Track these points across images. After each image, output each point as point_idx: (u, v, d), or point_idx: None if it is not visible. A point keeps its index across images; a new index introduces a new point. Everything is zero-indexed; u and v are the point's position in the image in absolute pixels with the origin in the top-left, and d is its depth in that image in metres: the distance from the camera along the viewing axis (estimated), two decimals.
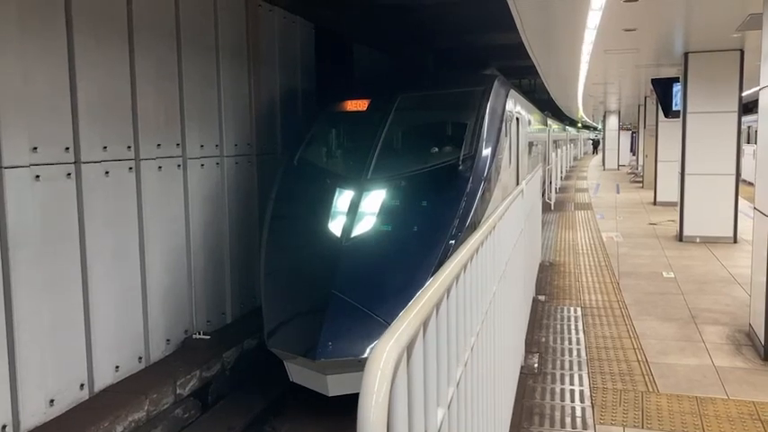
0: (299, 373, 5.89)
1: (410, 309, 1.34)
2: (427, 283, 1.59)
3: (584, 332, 6.09)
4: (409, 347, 1.27)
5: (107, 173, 5.62)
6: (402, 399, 1.15)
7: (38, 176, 4.86)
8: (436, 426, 1.53)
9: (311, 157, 7.26)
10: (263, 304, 6.13)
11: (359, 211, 6.29)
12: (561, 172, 23.09)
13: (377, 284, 5.73)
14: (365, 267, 5.89)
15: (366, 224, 6.20)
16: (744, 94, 10.92)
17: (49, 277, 4.98)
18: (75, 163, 5.25)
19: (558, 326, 6.30)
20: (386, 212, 6.25)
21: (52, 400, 4.98)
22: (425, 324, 1.41)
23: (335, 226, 6.27)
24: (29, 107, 4.77)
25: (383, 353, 1.03)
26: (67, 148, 5.17)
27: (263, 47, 8.26)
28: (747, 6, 7.00)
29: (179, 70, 6.62)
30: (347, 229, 6.16)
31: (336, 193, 6.56)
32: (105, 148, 5.58)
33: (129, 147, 5.91)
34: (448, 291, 1.69)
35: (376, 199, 6.38)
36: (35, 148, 4.83)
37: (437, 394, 1.55)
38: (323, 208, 6.46)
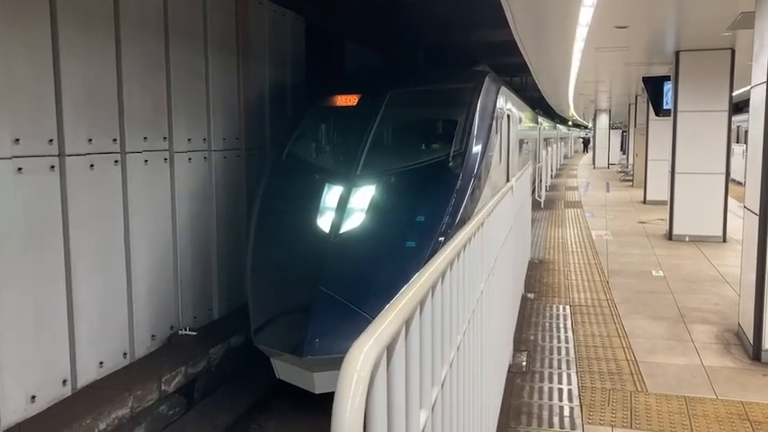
0: (285, 370, 5.83)
1: (391, 307, 1.28)
2: (411, 281, 1.53)
3: (572, 330, 6.06)
4: (390, 348, 1.21)
5: (92, 166, 5.54)
6: (381, 402, 1.09)
7: (20, 169, 4.77)
8: (419, 428, 1.47)
9: (300, 153, 7.20)
10: (250, 300, 6.07)
11: (348, 207, 6.23)
12: (552, 170, 23.09)
13: (365, 281, 5.68)
14: (353, 264, 5.83)
15: (355, 221, 6.15)
16: (734, 94, 10.92)
17: (31, 271, 4.89)
18: (59, 155, 5.16)
19: (547, 324, 6.27)
20: (375, 209, 6.20)
21: (33, 397, 4.90)
22: (408, 323, 1.35)
23: (324, 222, 6.22)
24: (11, 98, 4.68)
25: (360, 354, 0.98)
26: (51, 141, 5.09)
27: (253, 40, 8.18)
28: (739, 5, 6.98)
29: (166, 62, 6.53)
30: (336, 226, 6.11)
31: (325, 189, 6.50)
32: (90, 140, 5.50)
33: (114, 140, 5.82)
34: (433, 288, 1.63)
35: (365, 195, 6.33)
36: (17, 140, 4.74)
37: (420, 396, 1.50)
38: (311, 204, 6.40)
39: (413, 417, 1.41)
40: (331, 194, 6.43)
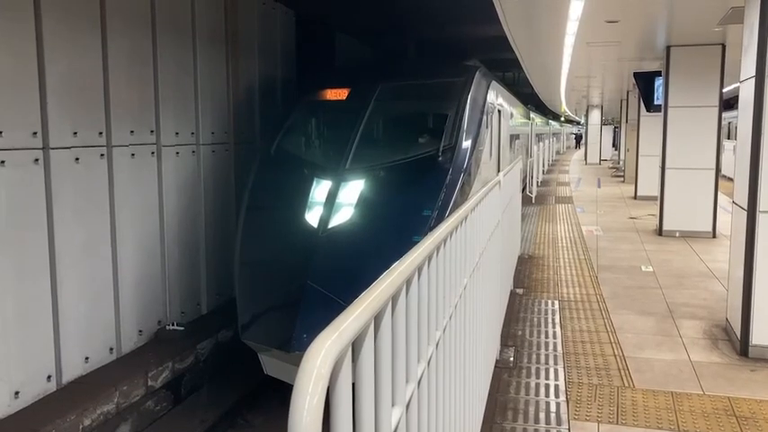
0: (273, 365, 5.80)
1: (359, 302, 1.25)
2: (382, 276, 1.50)
3: (560, 326, 6.05)
4: (356, 344, 1.18)
5: (77, 159, 5.48)
6: (345, 399, 1.07)
7: (3, 162, 4.71)
8: (391, 426, 1.44)
9: (289, 147, 7.15)
10: (238, 295, 6.04)
11: (336, 201, 6.20)
12: (543, 166, 23.10)
13: (354, 276, 5.59)
14: (342, 259, 5.79)
15: (343, 215, 6.12)
16: (725, 90, 10.93)
17: (14, 266, 4.84)
18: (43, 149, 5.11)
19: (535, 319, 6.25)
20: (364, 203, 6.16)
21: (17, 393, 4.86)
22: (378, 318, 1.32)
23: (312, 217, 6.18)
24: None
25: (321, 350, 0.94)
26: (35, 133, 5.03)
27: (243, 33, 8.12)
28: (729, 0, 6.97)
29: (154, 55, 6.48)
30: (324, 220, 6.07)
31: (314, 184, 6.46)
32: (75, 133, 5.44)
33: (100, 133, 5.77)
34: (407, 283, 1.60)
35: (354, 190, 6.29)
36: (0, 133, 4.68)
37: (392, 393, 1.47)
38: (300, 198, 6.36)
39: (384, 414, 1.38)
40: (320, 189, 6.40)
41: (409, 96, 7.66)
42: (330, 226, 6.04)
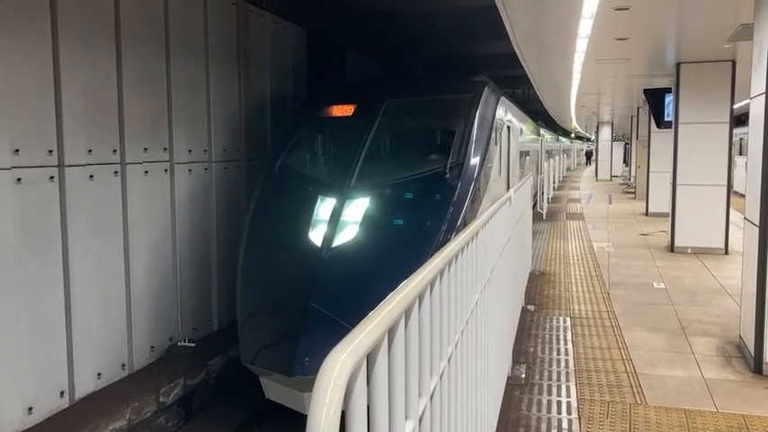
0: (275, 390, 5.60)
1: (373, 315, 1.27)
2: (395, 290, 1.52)
3: (572, 342, 6.02)
4: (371, 356, 1.20)
5: (91, 177, 5.55)
6: (360, 411, 1.08)
7: (19, 179, 4.78)
8: None
9: (293, 164, 7.05)
10: (239, 317, 5.88)
11: (341, 220, 6.05)
12: (554, 182, 23.08)
13: (358, 297, 5.34)
14: (346, 279, 5.61)
15: (348, 234, 5.94)
16: (736, 107, 10.91)
17: (28, 282, 4.89)
18: (58, 166, 5.17)
19: (547, 336, 6.23)
20: (369, 222, 6.01)
21: (30, 408, 4.89)
22: (391, 332, 1.34)
23: (316, 236, 6.02)
24: (10, 109, 4.70)
25: (337, 362, 0.96)
26: (51, 151, 5.10)
27: (254, 52, 8.21)
28: (739, 17, 6.99)
29: (167, 74, 6.56)
30: (328, 239, 5.91)
31: (318, 202, 6.32)
32: (90, 151, 5.51)
33: (114, 150, 5.84)
34: (420, 298, 1.62)
35: (359, 208, 6.14)
36: (17, 151, 4.75)
37: (406, 407, 1.48)
38: (303, 216, 6.22)
39: (397, 427, 1.40)
40: (324, 207, 6.26)
41: (417, 112, 7.58)
42: (334, 245, 5.87)
